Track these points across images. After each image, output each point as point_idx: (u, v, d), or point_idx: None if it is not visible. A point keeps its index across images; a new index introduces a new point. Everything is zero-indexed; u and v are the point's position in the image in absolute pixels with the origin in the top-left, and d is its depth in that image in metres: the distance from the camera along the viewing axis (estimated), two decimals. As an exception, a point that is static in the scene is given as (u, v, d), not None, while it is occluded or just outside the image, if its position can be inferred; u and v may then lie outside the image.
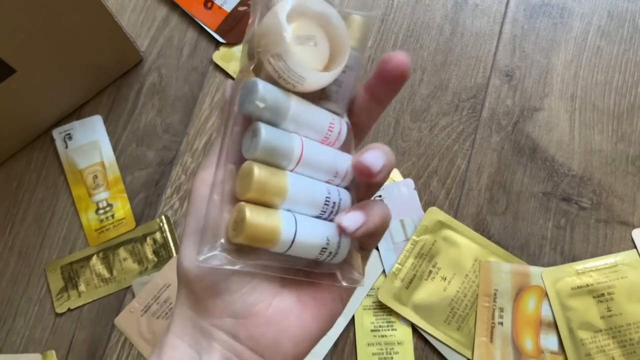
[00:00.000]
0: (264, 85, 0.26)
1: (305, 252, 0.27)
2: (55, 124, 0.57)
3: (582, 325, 0.51)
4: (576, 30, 0.60)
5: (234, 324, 0.27)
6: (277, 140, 0.26)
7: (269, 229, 0.25)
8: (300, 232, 0.26)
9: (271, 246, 0.26)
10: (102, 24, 0.52)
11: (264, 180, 0.26)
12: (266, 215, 0.26)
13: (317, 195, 0.27)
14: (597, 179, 0.56)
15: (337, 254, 0.27)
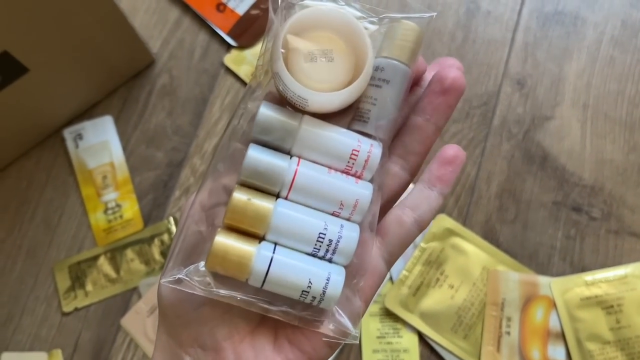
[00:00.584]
0: (267, 110, 0.25)
1: (282, 290, 0.25)
2: (66, 123, 0.58)
3: (590, 336, 0.51)
4: (589, 39, 0.59)
5: (203, 356, 0.26)
6: (264, 163, 0.24)
7: (237, 259, 0.24)
8: (276, 268, 0.24)
9: (242, 277, 0.24)
10: (115, 25, 0.52)
11: (243, 205, 0.24)
12: (241, 243, 0.24)
13: (309, 228, 0.25)
14: (608, 189, 0.55)
15: (322, 300, 0.25)
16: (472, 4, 0.61)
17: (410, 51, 0.26)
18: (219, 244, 0.24)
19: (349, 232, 0.25)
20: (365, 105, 0.26)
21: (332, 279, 0.25)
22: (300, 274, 0.24)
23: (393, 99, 0.26)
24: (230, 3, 0.60)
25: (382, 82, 0.26)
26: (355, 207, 0.25)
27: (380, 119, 0.26)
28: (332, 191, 0.25)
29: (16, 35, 0.44)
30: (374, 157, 0.25)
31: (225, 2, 0.60)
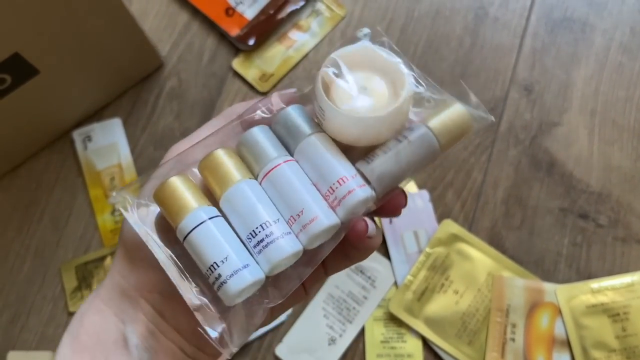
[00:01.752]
0: (293, 109, 0.26)
1: (197, 256, 0.24)
2: (75, 125, 0.58)
3: (596, 344, 0.51)
4: (598, 45, 0.59)
5: (160, 301, 0.27)
6: (259, 144, 0.25)
7: (179, 203, 0.25)
8: (202, 231, 0.24)
9: (172, 222, 0.25)
10: (125, 28, 0.53)
11: (218, 161, 0.25)
12: (191, 194, 0.25)
13: (253, 215, 0.25)
14: (615, 196, 0.55)
15: (223, 285, 0.24)
16: (480, 9, 0.61)
17: (448, 132, 0.26)
18: (173, 182, 0.25)
19: (286, 242, 0.24)
20: (378, 150, 0.26)
21: (242, 273, 0.24)
22: (219, 248, 0.24)
23: (405, 159, 0.25)
24: (239, 7, 0.60)
25: (404, 139, 0.26)
26: (306, 226, 0.24)
27: (385, 170, 0.25)
28: (296, 198, 0.25)
29: (27, 37, 0.45)
30: (354, 198, 0.25)
31: (234, 7, 0.60)
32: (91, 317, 0.27)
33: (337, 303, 0.53)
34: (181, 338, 0.27)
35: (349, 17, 0.61)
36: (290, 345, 0.52)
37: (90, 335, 0.27)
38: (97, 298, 0.28)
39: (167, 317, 0.27)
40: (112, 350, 0.27)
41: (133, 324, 0.27)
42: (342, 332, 0.52)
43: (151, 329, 0.27)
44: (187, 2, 0.61)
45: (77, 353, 0.27)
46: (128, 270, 0.27)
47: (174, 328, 0.27)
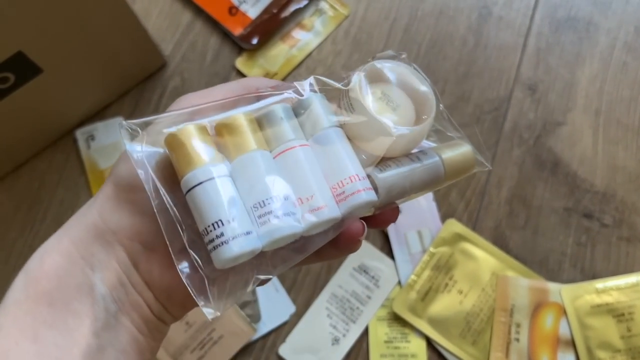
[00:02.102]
0: (317, 99, 0.26)
1: (198, 211, 0.24)
2: (78, 124, 0.58)
3: (601, 344, 0.50)
4: (602, 45, 0.59)
5: (139, 252, 0.25)
6: (281, 121, 0.25)
7: (189, 153, 0.24)
8: (208, 187, 0.23)
9: (179, 172, 0.24)
10: (128, 28, 0.52)
11: (241, 123, 0.25)
12: (205, 147, 0.24)
13: (264, 188, 0.24)
14: (620, 196, 0.55)
15: (218, 247, 0.23)
16: (484, 9, 0.60)
17: (455, 167, 0.28)
18: (191, 129, 0.24)
19: (288, 223, 0.24)
20: (391, 163, 0.27)
21: (244, 239, 0.23)
22: (227, 208, 0.23)
23: (415, 179, 0.27)
24: (243, 6, 0.60)
25: (418, 161, 0.27)
26: (313, 212, 0.24)
27: (394, 183, 0.26)
28: (308, 182, 0.25)
29: (31, 36, 0.45)
30: (360, 198, 0.25)
31: (237, 6, 0.60)
32: (54, 257, 0.24)
33: (341, 303, 0.53)
34: (151, 294, 0.26)
35: (352, 16, 0.61)
36: (293, 345, 0.52)
37: (50, 278, 0.24)
38: (65, 237, 0.25)
39: (141, 269, 0.25)
40: (74, 296, 0.24)
41: (103, 271, 0.25)
42: (345, 332, 0.52)
43: (122, 280, 0.25)
44: (190, 1, 0.61)
45: (33, 297, 0.24)
46: (111, 211, 0.25)
47: (146, 283, 0.26)
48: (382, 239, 0.55)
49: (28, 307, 0.24)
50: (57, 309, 0.24)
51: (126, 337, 0.25)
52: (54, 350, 0.23)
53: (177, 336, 0.51)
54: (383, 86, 0.27)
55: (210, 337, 0.51)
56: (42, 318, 0.23)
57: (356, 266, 0.54)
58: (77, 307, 0.24)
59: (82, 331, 0.24)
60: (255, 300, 0.52)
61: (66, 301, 0.24)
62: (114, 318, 0.25)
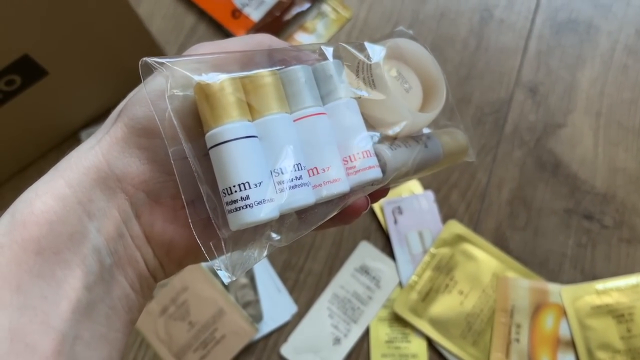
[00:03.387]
0: (336, 66, 0.26)
1: (221, 169, 0.23)
2: (83, 126, 0.59)
3: (601, 345, 0.51)
4: (603, 47, 0.59)
5: (143, 202, 0.24)
6: (301, 85, 0.25)
7: (221, 106, 0.23)
8: (242, 144, 0.23)
9: (206, 125, 0.23)
10: (132, 30, 0.53)
11: (264, 82, 0.24)
12: (238, 100, 0.23)
13: (282, 153, 0.24)
14: (620, 197, 0.55)
15: (238, 210, 0.22)
16: (485, 12, 0.61)
17: (451, 151, 0.29)
18: (226, 83, 0.23)
19: (303, 194, 0.24)
20: (399, 142, 0.27)
21: (267, 205, 0.23)
22: (256, 170, 0.23)
23: (417, 160, 0.27)
24: (246, 9, 0.61)
25: (422, 143, 0.28)
26: (327, 184, 0.24)
27: (401, 162, 0.26)
28: (325, 154, 0.25)
29: (36, 39, 0.45)
30: (371, 174, 0.25)
31: (240, 9, 0.61)
32: (46, 200, 0.22)
33: (342, 303, 0.53)
34: (149, 249, 0.24)
35: (354, 19, 0.61)
36: (295, 345, 0.52)
37: (40, 223, 0.21)
38: (61, 179, 0.22)
39: (143, 221, 0.24)
40: (66, 245, 0.22)
41: (102, 220, 0.22)
42: (347, 332, 0.53)
43: (121, 231, 0.23)
44: (193, 5, 0.62)
45: (19, 243, 0.21)
46: (119, 155, 0.23)
47: (146, 236, 0.24)
48: (384, 239, 0.55)
49: (13, 253, 0.21)
50: (46, 258, 0.21)
51: (118, 292, 0.24)
52: (40, 302, 0.21)
53: (180, 336, 0.52)
54: (399, 65, 0.27)
55: (213, 337, 0.52)
56: (28, 267, 0.21)
57: (357, 267, 0.54)
58: (69, 257, 0.22)
59: (72, 283, 0.21)
60: (257, 300, 0.53)
61: (57, 250, 0.21)
62: (108, 272, 0.23)
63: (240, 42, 0.26)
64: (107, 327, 0.23)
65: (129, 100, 0.24)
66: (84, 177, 0.22)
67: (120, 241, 0.23)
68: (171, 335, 0.52)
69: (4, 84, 0.46)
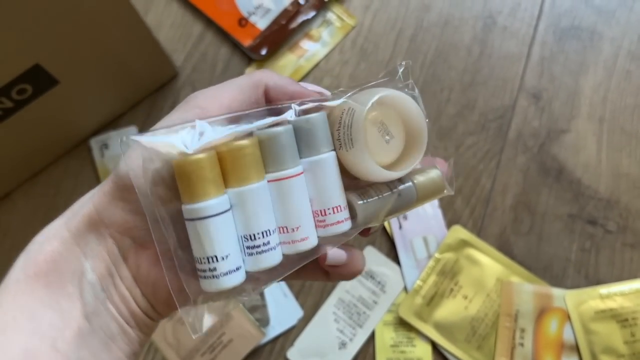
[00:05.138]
0: (320, 121, 0.27)
1: (197, 239, 0.25)
2: (93, 133, 0.60)
3: (605, 349, 0.51)
4: (606, 53, 0.60)
5: (129, 247, 0.27)
6: (281, 148, 0.26)
7: (198, 183, 0.24)
8: (212, 222, 0.24)
9: (184, 196, 0.25)
10: (141, 39, 0.54)
11: (240, 154, 0.25)
12: (213, 177, 0.25)
13: (258, 222, 0.25)
14: (624, 202, 0.55)
15: (214, 278, 0.25)
16: (488, 19, 0.62)
17: (426, 191, 0.29)
18: (202, 161, 0.24)
19: (277, 254, 0.26)
20: (372, 191, 0.28)
21: (234, 275, 0.25)
22: (224, 245, 0.25)
23: (390, 207, 0.28)
24: (252, 18, 0.62)
25: (395, 190, 0.28)
26: (296, 243, 0.26)
27: (373, 212, 0.28)
28: (297, 214, 0.26)
29: (47, 49, 0.46)
30: (340, 228, 0.27)
31: (247, 17, 0.62)
32: (53, 242, 0.26)
33: (348, 308, 0.54)
34: (138, 290, 0.27)
35: (359, 27, 0.62)
36: (301, 349, 0.53)
37: (48, 261, 0.25)
38: (64, 225, 0.26)
39: (130, 263, 0.27)
40: (68, 280, 0.26)
41: (94, 260, 0.26)
42: (352, 336, 0.53)
43: (111, 270, 0.26)
44: (201, 13, 0.63)
45: (31, 278, 0.25)
46: (107, 204, 0.26)
47: (134, 277, 0.27)
48: (389, 245, 0.56)
49: (26, 286, 0.25)
50: (53, 290, 0.25)
51: (114, 325, 0.27)
52: (48, 329, 0.25)
53: (188, 339, 0.53)
54: (386, 113, 0.28)
55: (220, 341, 0.52)
56: (39, 298, 0.25)
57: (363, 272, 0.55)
58: (71, 291, 0.25)
59: (74, 314, 0.25)
60: (264, 304, 0.54)
61: (61, 284, 0.25)
62: (103, 305, 0.26)
63: (236, 90, 0.28)
64: (107, 354, 0.26)
65: (121, 158, 0.27)
66: (80, 223, 0.26)
67: (110, 280, 0.26)
68: (179, 339, 0.53)
69: (15, 93, 0.47)
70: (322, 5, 0.62)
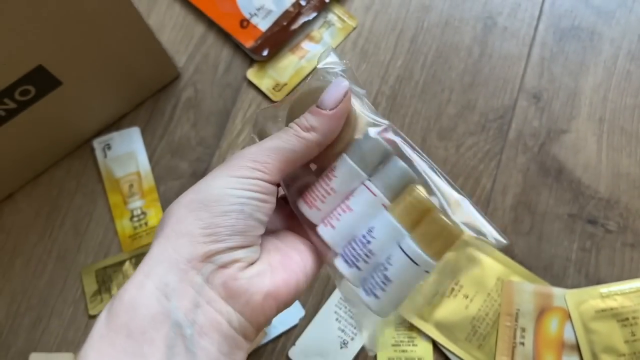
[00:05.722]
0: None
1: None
2: (95, 134, 0.60)
3: (605, 349, 0.51)
4: (606, 54, 0.60)
5: (213, 270, 0.28)
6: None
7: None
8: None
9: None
10: (143, 41, 0.54)
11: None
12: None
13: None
14: (624, 202, 0.56)
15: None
16: (489, 19, 0.62)
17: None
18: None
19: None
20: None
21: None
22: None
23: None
24: (254, 19, 0.62)
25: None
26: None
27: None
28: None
29: (50, 51, 0.47)
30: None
31: (248, 19, 0.62)
32: (131, 291, 0.27)
33: (349, 307, 0.54)
34: (228, 306, 0.28)
35: (360, 28, 0.62)
36: (303, 348, 0.53)
37: (127, 311, 0.26)
38: (141, 273, 0.28)
39: (215, 284, 0.28)
40: (149, 325, 0.26)
41: (178, 298, 0.27)
42: (353, 335, 0.53)
43: (197, 301, 0.27)
44: (203, 15, 0.63)
45: (113, 330, 0.26)
46: (183, 240, 0.28)
47: (220, 296, 0.28)
48: (389, 244, 0.56)
49: (109, 339, 0.26)
50: (134, 339, 0.26)
51: (203, 359, 0.27)
52: None
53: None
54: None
55: (222, 340, 0.53)
56: (122, 348, 0.26)
57: (364, 271, 0.55)
58: (153, 335, 0.26)
59: (158, 357, 0.26)
60: (266, 304, 0.54)
61: (142, 331, 0.26)
62: (191, 342, 0.27)
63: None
64: None
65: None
66: (157, 267, 0.27)
67: (197, 311, 0.27)
68: (181, 339, 0.53)
69: (19, 93, 0.47)
70: (323, 6, 0.62)
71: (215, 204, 0.28)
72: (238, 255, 0.28)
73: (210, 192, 0.29)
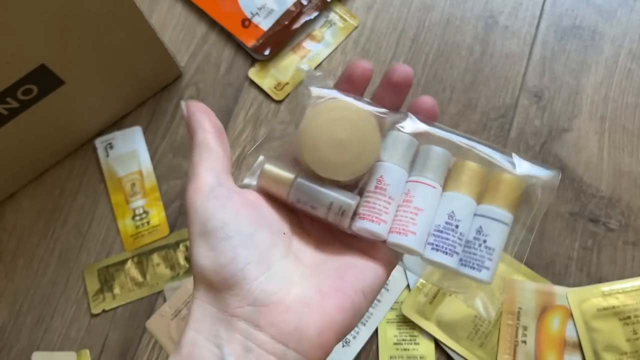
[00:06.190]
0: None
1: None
2: (98, 133, 0.60)
3: (607, 347, 0.51)
4: (607, 52, 0.60)
5: (254, 312, 0.28)
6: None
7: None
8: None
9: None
10: (146, 40, 0.54)
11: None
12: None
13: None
14: (625, 200, 0.56)
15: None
16: (490, 18, 0.62)
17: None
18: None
19: None
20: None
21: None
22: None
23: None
24: (255, 19, 0.62)
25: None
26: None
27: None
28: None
29: (53, 50, 0.47)
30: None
31: (250, 18, 0.62)
32: (186, 345, 0.28)
33: (351, 306, 0.54)
34: (280, 345, 0.28)
35: (361, 27, 0.63)
36: (305, 347, 0.53)
37: None
38: (190, 330, 0.29)
39: (263, 326, 0.28)
40: None
41: (229, 345, 0.27)
42: (355, 334, 0.54)
43: (247, 345, 0.27)
44: (204, 15, 0.63)
45: None
46: (213, 297, 0.28)
47: (272, 336, 0.28)
48: (391, 243, 0.56)
49: None
50: None
51: None
52: None
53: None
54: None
55: (224, 339, 0.53)
56: None
57: (366, 270, 0.55)
58: None
59: None
60: (268, 303, 0.54)
61: None
62: None
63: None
64: None
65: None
66: (204, 323, 0.28)
67: (250, 355, 0.27)
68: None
69: (21, 93, 0.48)
70: (325, 5, 0.63)
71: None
72: (272, 287, 0.28)
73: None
